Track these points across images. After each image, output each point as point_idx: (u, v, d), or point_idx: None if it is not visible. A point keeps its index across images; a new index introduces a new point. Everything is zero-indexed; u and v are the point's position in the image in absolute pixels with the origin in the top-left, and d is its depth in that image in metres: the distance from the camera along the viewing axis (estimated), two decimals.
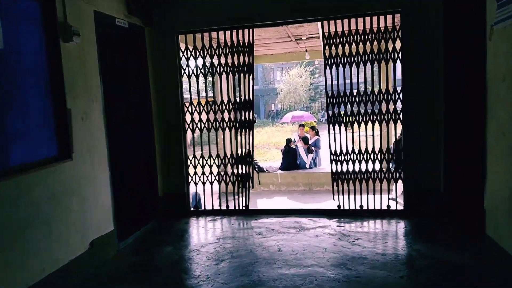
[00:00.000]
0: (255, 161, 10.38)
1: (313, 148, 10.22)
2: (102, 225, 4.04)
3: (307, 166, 10.18)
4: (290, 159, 10.13)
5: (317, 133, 10.72)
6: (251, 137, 5.18)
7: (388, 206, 4.88)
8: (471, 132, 3.98)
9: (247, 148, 5.21)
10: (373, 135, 5.46)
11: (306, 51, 8.47)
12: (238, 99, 5.15)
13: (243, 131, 5.18)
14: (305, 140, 10.47)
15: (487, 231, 3.69)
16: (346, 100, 4.89)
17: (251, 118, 5.13)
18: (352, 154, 4.97)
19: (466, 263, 3.38)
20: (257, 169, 10.11)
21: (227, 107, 5.17)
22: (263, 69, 41.17)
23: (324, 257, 3.63)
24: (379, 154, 4.92)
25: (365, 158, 4.92)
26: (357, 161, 4.95)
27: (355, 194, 4.94)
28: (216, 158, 5.26)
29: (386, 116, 4.78)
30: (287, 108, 33.19)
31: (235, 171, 5.24)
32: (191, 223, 4.98)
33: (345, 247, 3.86)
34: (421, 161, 4.69)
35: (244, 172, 5.22)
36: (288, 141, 10.39)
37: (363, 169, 4.94)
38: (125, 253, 4.14)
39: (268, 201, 9.00)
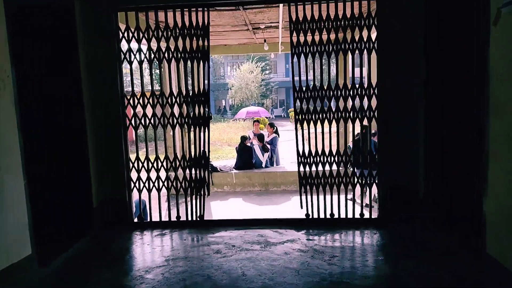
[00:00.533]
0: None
1: (268, 146, 9.64)
2: (14, 249, 3.11)
3: (263, 165, 9.59)
4: (245, 158, 9.48)
5: (276, 131, 10.17)
6: (206, 136, 4.43)
7: (362, 214, 4.37)
8: (457, 131, 3.55)
9: (202, 148, 4.46)
10: (340, 134, 4.92)
11: (265, 41, 7.82)
12: (190, 91, 4.37)
13: (197, 128, 4.41)
14: (260, 137, 9.87)
15: (488, 246, 3.20)
16: (316, 94, 4.30)
17: (206, 114, 4.38)
18: (322, 156, 4.40)
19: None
20: (210, 169, 9.34)
21: (177, 100, 4.37)
22: (213, 64, 40.17)
23: (298, 283, 2.99)
24: (351, 156, 4.40)
25: (336, 161, 4.37)
26: (327, 163, 4.39)
27: (325, 201, 4.38)
28: (165, 160, 4.45)
29: (360, 114, 4.25)
30: (239, 104, 32.57)
31: (188, 175, 4.46)
32: (135, 239, 4.13)
33: (320, 267, 3.26)
34: (398, 162, 4.23)
35: (198, 176, 4.46)
36: (243, 138, 9.73)
37: (334, 172, 4.39)
38: (48, 283, 3.24)
39: (223, 204, 8.30)
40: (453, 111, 3.61)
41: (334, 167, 4.40)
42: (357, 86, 4.22)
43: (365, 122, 4.32)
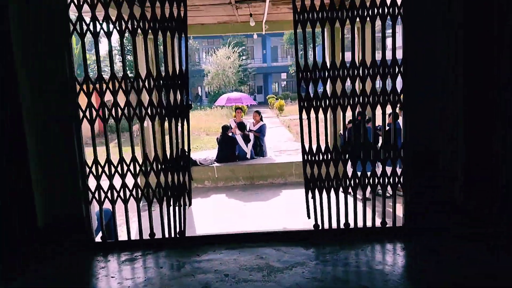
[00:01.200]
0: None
1: (251, 136, 8.71)
2: None
3: (248, 156, 8.68)
4: (228, 149, 8.53)
5: (261, 119, 9.24)
6: (185, 130, 3.45)
7: (384, 222, 3.52)
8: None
9: (180, 146, 3.48)
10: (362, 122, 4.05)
11: (251, 15, 6.81)
12: (163, 73, 3.37)
13: (173, 121, 3.43)
14: (241, 126, 8.92)
15: None
16: (327, 75, 3.37)
17: (184, 101, 3.40)
18: (333, 153, 3.51)
19: None
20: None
21: (146, 84, 3.37)
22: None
23: None
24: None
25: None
26: (340, 161, 3.51)
27: (338, 208, 3.51)
28: (132, 163, 3.45)
29: (383, 98, 3.35)
30: (216, 91, 31.37)
31: (164, 181, 3.48)
32: (95, 268, 3.15)
33: None
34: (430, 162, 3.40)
35: (177, 183, 3.49)
36: (225, 128, 8.76)
37: (349, 172, 3.51)
38: None
39: (204, 202, 7.37)
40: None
41: (349, 165, 3.52)
42: (378, 63, 3.32)
43: (389, 110, 3.45)
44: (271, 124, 18.12)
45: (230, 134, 9.30)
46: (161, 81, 3.34)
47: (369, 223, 3.52)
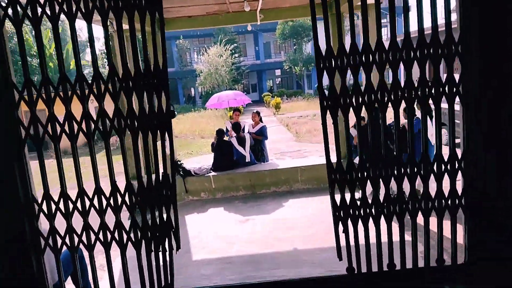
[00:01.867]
0: (179, 161, 7.69)
1: (246, 136, 7.78)
2: None
3: (247, 159, 7.77)
4: (224, 156, 7.62)
5: (261, 120, 8.32)
6: (167, 147, 2.54)
7: (441, 259, 2.62)
8: None
9: (162, 169, 2.57)
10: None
11: (245, 0, 5.88)
12: (133, 71, 2.45)
13: (151, 135, 2.52)
14: (236, 127, 8.00)
15: None
16: (358, 60, 2.45)
17: (164, 108, 2.49)
18: (375, 167, 2.60)
19: None
20: (181, 173, 7.45)
21: (111, 86, 2.45)
22: (178, 49, 37.62)
23: None
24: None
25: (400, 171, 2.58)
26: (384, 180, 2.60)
27: (379, 244, 2.60)
28: (96, 195, 2.54)
29: (436, 89, 2.43)
30: (209, 91, 30.39)
31: (141, 218, 2.57)
32: None
33: None
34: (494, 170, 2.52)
35: (159, 220, 2.57)
36: (220, 133, 7.81)
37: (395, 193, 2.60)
38: None
39: (201, 218, 6.45)
40: None
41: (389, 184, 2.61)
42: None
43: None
44: (269, 123, 17.20)
45: (226, 138, 8.40)
46: (129, 82, 2.42)
47: (420, 263, 2.62)
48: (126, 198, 2.50)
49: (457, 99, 2.45)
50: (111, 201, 2.51)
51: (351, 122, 2.88)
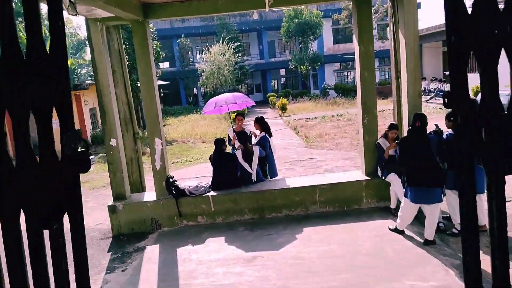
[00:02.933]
0: (171, 178, 6.41)
1: (254, 149, 6.49)
2: None
3: (253, 177, 6.47)
4: (226, 172, 6.32)
5: (266, 129, 6.97)
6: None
7: None
8: None
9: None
10: None
11: None
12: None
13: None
14: (242, 137, 6.72)
15: None
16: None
17: (70, 140, 1.17)
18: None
19: None
20: (174, 192, 6.17)
21: None
22: (180, 48, 36.38)
23: None
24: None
25: None
26: None
27: None
28: None
29: None
30: (212, 91, 29.09)
31: None
32: None
33: None
34: None
35: None
36: (219, 143, 6.50)
37: None
38: None
39: (196, 251, 5.16)
40: None
41: None
42: None
43: None
44: (275, 126, 15.89)
45: (229, 149, 7.10)
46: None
47: None
48: None
49: None
50: None
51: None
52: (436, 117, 15.19)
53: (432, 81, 24.11)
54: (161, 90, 33.10)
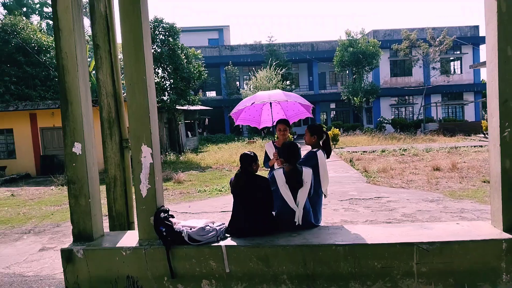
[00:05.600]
0: (164, 212, 3.96)
1: (309, 174, 3.92)
2: None
3: (298, 220, 3.86)
4: (254, 207, 3.80)
5: (320, 138, 4.44)
6: None
7: None
8: None
9: None
10: None
11: None
12: None
13: None
14: (288, 152, 4.16)
15: None
16: None
17: None
18: None
19: None
20: (164, 233, 3.70)
21: None
22: (226, 76, 35.17)
23: None
24: None
25: None
26: None
27: None
28: None
29: None
30: None
31: None
32: None
33: None
34: None
35: None
36: (247, 159, 3.95)
37: None
38: None
39: None
40: None
41: None
42: None
43: None
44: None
45: (262, 170, 4.60)
46: None
47: None
48: None
49: None
50: None
51: None
52: None
53: None
54: (206, 117, 31.64)
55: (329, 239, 3.61)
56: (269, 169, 4.81)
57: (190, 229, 3.70)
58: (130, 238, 4.02)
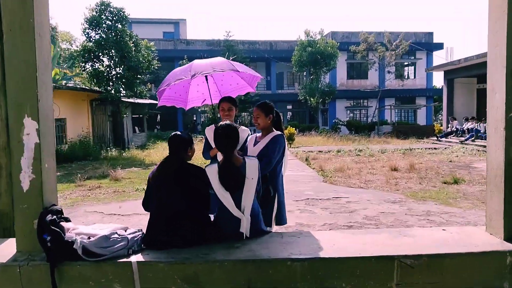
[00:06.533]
0: (52, 214, 2.78)
1: (256, 165, 2.93)
2: None
3: (246, 232, 2.87)
4: (183, 209, 2.78)
5: (277, 124, 3.52)
6: None
7: None
8: None
9: None
10: None
11: None
12: None
13: None
14: (222, 134, 3.11)
15: None
16: None
17: None
18: None
19: None
20: (49, 244, 2.54)
21: None
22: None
23: None
24: None
25: None
26: None
27: None
28: None
29: None
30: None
31: None
32: None
33: None
34: None
35: None
36: (178, 143, 2.88)
37: None
38: None
39: None
40: None
41: None
42: None
43: None
44: None
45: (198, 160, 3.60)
46: None
47: None
48: None
49: None
50: None
51: None
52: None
53: (468, 121, 20.76)
54: (157, 112, 29.92)
55: (283, 251, 2.66)
56: (210, 160, 3.81)
57: (88, 238, 2.60)
58: (6, 250, 2.84)
